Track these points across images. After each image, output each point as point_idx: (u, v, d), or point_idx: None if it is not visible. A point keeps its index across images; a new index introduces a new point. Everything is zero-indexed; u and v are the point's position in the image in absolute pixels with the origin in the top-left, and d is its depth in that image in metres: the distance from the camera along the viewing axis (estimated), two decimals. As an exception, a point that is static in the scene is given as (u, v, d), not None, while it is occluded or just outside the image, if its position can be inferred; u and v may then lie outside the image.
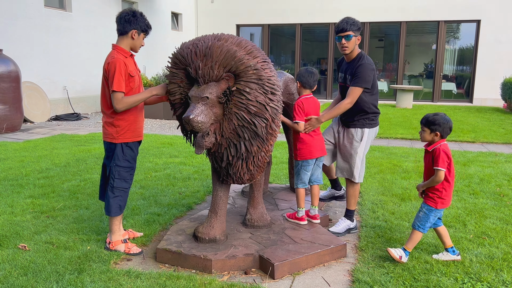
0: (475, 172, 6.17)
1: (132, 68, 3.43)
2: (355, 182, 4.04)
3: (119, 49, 3.43)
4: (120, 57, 3.35)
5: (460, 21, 16.93)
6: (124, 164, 3.49)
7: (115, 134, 3.44)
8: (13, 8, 10.48)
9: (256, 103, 3.07)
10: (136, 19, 3.42)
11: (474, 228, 4.13)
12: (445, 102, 17.42)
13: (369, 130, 3.97)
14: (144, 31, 3.50)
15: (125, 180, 3.53)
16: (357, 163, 3.98)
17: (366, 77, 3.80)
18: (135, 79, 3.43)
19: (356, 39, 3.89)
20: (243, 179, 3.54)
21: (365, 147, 3.99)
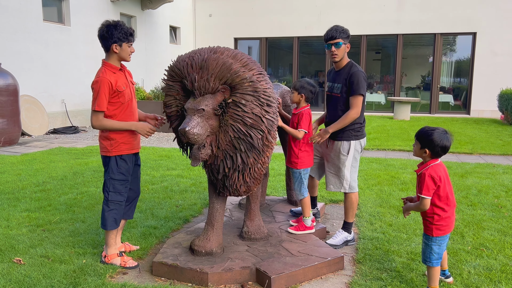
0: (473, 183, 6.17)
1: (121, 82, 3.40)
2: (347, 193, 4.02)
3: (108, 65, 3.40)
4: (107, 75, 3.32)
5: (456, 33, 17.08)
6: (119, 177, 3.47)
7: (109, 147, 3.44)
8: (12, 23, 10.55)
9: (252, 115, 3.08)
10: (111, 33, 3.32)
11: (472, 239, 4.11)
12: (443, 114, 17.47)
13: (355, 142, 3.95)
14: (124, 41, 3.38)
15: (120, 193, 3.50)
16: (346, 175, 3.97)
17: (362, 84, 3.81)
18: (124, 93, 3.40)
19: (345, 47, 3.91)
20: (239, 191, 3.53)
21: (352, 159, 3.97)
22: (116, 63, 3.43)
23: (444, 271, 3.29)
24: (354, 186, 4.03)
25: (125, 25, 3.40)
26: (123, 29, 3.34)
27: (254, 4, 18.81)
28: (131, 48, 3.45)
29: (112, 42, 3.34)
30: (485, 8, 16.34)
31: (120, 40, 3.35)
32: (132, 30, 3.42)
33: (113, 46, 3.35)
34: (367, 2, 17.49)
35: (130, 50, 3.44)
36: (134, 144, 3.54)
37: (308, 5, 18.23)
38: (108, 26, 3.33)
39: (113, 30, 3.32)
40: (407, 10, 17.10)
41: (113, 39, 3.33)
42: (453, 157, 8.45)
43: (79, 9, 12.74)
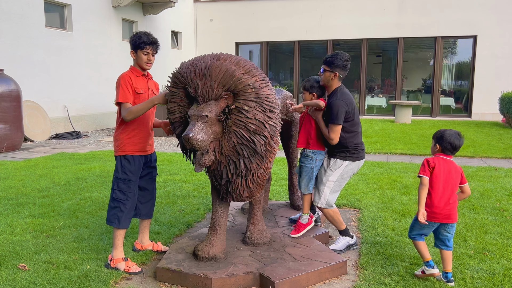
0: (475, 187, 6.18)
1: (141, 86, 3.58)
2: (322, 208, 4.00)
3: (133, 68, 3.64)
4: (129, 73, 3.56)
5: (457, 36, 17.13)
6: (122, 176, 3.58)
7: (117, 147, 3.60)
8: (14, 29, 10.61)
9: (255, 121, 3.10)
10: (130, 41, 3.59)
11: (474, 243, 4.12)
12: (444, 117, 17.49)
13: (349, 162, 3.93)
14: (137, 48, 3.57)
15: (123, 192, 3.58)
16: (325, 192, 3.95)
17: (337, 114, 3.79)
18: (140, 97, 3.55)
19: (330, 75, 3.90)
20: (242, 197, 3.55)
21: (338, 177, 3.94)
22: (139, 69, 3.64)
23: (446, 273, 3.34)
24: (330, 206, 4.00)
25: (146, 34, 3.57)
26: (139, 37, 3.54)
27: (255, 9, 18.89)
28: (147, 56, 3.58)
29: (131, 48, 3.61)
30: (486, 11, 16.38)
31: (134, 48, 3.58)
32: (149, 39, 3.55)
33: (131, 52, 3.61)
34: (368, 6, 17.55)
35: (146, 58, 3.58)
36: (142, 146, 3.63)
37: (308, 9, 18.29)
38: (132, 35, 3.61)
39: (132, 37, 3.59)
40: (408, 13, 17.16)
41: (131, 47, 3.60)
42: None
43: (81, 15, 12.80)
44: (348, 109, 3.84)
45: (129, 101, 3.47)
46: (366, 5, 17.57)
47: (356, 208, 5.32)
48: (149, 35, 3.60)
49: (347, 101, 3.86)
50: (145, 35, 3.57)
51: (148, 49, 3.56)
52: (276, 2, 18.79)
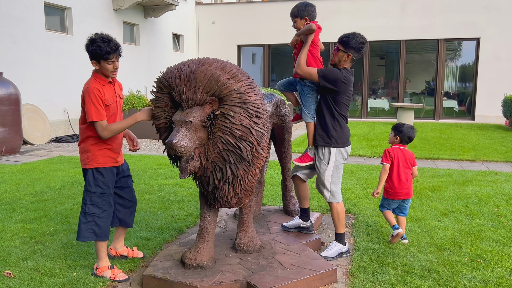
0: (473, 192, 6.08)
1: (109, 95, 3.35)
2: (330, 203, 3.97)
3: (97, 76, 3.35)
4: (96, 85, 3.28)
5: (460, 39, 17.01)
6: (96, 190, 3.41)
7: (86, 159, 3.40)
8: (14, 32, 10.62)
9: (241, 126, 3.04)
10: (89, 50, 3.26)
11: (469, 251, 4.04)
12: (447, 119, 17.36)
13: (335, 150, 3.86)
14: (99, 59, 3.25)
15: (98, 206, 3.43)
16: (326, 185, 3.92)
17: (328, 74, 3.72)
18: (110, 108, 3.35)
19: (344, 55, 3.81)
20: (230, 203, 3.49)
21: (333, 169, 3.89)
22: (104, 75, 3.37)
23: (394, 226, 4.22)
24: (336, 196, 3.95)
25: (105, 41, 3.24)
26: (99, 47, 3.21)
27: (256, 11, 18.86)
28: (113, 65, 3.31)
29: (90, 57, 3.28)
30: (489, 13, 16.26)
31: (95, 58, 3.26)
32: (111, 48, 3.23)
33: (92, 62, 3.29)
34: (370, 8, 17.47)
35: (112, 67, 3.31)
36: (114, 157, 3.48)
37: (310, 12, 18.21)
38: (91, 40, 3.25)
39: (90, 47, 3.24)
40: (410, 16, 17.06)
41: (91, 55, 3.27)
42: (455, 164, 8.35)
43: (82, 18, 12.82)
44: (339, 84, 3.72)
45: (104, 118, 3.26)
46: (368, 7, 17.50)
47: (352, 213, 5.25)
48: (110, 40, 3.27)
49: (348, 78, 3.76)
50: (104, 42, 3.23)
51: (112, 58, 3.28)
52: (278, 5, 18.75)
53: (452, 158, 8.87)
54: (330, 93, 3.79)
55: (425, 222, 4.82)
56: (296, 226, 4.27)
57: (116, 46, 3.28)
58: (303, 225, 4.27)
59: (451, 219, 4.92)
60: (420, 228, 4.64)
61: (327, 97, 3.82)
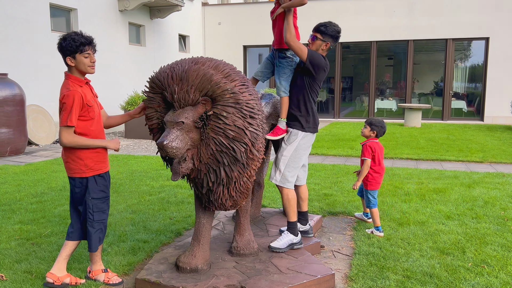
0: (480, 194, 5.94)
1: (89, 96, 3.23)
2: (281, 187, 3.81)
3: (72, 78, 3.18)
4: (77, 88, 3.13)
5: (468, 38, 16.79)
6: (100, 195, 3.31)
7: (84, 167, 3.22)
8: (20, 33, 10.65)
9: (234, 127, 2.96)
10: (61, 47, 3.13)
11: (473, 255, 3.92)
12: (456, 120, 17.14)
13: (305, 134, 3.78)
14: (75, 53, 3.12)
15: (103, 212, 3.35)
16: (280, 166, 3.78)
17: (316, 56, 3.65)
18: (94, 108, 3.23)
19: (322, 44, 3.74)
20: (225, 206, 3.41)
21: (293, 151, 3.77)
22: (79, 75, 3.21)
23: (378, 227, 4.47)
24: (285, 183, 3.80)
25: (78, 34, 3.14)
26: (73, 40, 3.09)
27: (263, 12, 18.77)
28: (90, 58, 3.18)
29: (64, 56, 3.14)
30: (498, 13, 16.03)
31: (71, 53, 3.13)
32: (86, 39, 3.14)
33: (67, 59, 3.14)
34: (377, 8, 17.32)
35: (88, 61, 3.18)
36: (106, 162, 3.38)
37: (317, 12, 18.10)
38: (63, 38, 3.13)
39: (63, 43, 3.12)
40: (418, 15, 16.88)
41: (65, 53, 3.13)
42: (462, 166, 8.20)
43: (88, 19, 12.83)
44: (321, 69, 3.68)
45: (75, 124, 3.11)
46: (375, 7, 17.34)
47: (353, 216, 5.14)
48: (82, 34, 3.16)
49: (328, 68, 3.76)
50: (78, 35, 3.12)
51: (88, 50, 3.15)
52: (285, 5, 18.64)
53: (459, 160, 8.71)
54: (308, 77, 3.72)
55: (429, 226, 4.70)
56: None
57: (90, 39, 3.18)
58: (302, 228, 4.15)
59: (456, 223, 4.80)
60: (423, 231, 4.52)
61: (305, 81, 3.74)
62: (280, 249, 3.75)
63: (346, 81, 19.62)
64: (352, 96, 19.93)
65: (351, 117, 18.57)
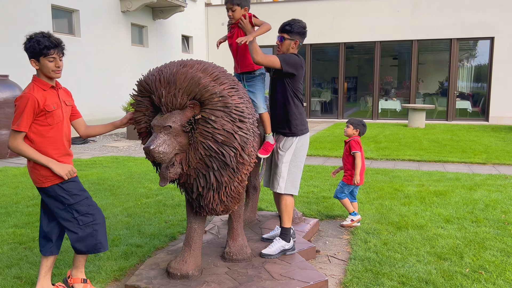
0: (481, 197, 5.85)
1: (52, 101, 2.98)
2: (281, 194, 3.75)
3: (37, 81, 2.98)
4: (35, 92, 2.91)
5: (473, 38, 16.63)
6: (75, 199, 3.05)
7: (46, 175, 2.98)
8: (21, 35, 10.65)
9: (223, 131, 2.91)
10: (26, 48, 2.93)
11: (471, 261, 3.84)
12: (460, 121, 16.99)
13: (299, 138, 3.73)
14: (38, 56, 2.91)
15: (87, 214, 3.11)
16: (283, 175, 3.71)
17: (289, 59, 3.58)
18: (54, 114, 2.97)
19: (291, 42, 3.69)
20: (216, 211, 3.36)
21: (292, 156, 3.72)
22: (45, 79, 3.00)
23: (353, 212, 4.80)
24: (293, 187, 3.74)
25: (45, 36, 2.93)
26: (37, 42, 2.89)
27: (266, 12, 18.71)
28: (54, 62, 2.94)
29: (29, 57, 2.95)
30: (503, 12, 15.86)
31: (35, 55, 2.92)
32: (52, 42, 2.92)
33: (31, 61, 2.95)
34: (381, 8, 17.20)
35: (53, 65, 2.94)
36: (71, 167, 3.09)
37: (320, 12, 18.04)
38: (29, 39, 2.93)
39: (27, 44, 2.93)
40: (422, 15, 16.74)
41: (28, 54, 2.94)
42: (464, 167, 8.10)
43: (90, 20, 12.84)
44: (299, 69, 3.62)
45: (26, 131, 2.90)
46: (379, 7, 17.23)
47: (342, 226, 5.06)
48: (49, 36, 2.94)
49: (303, 63, 3.69)
50: (44, 37, 2.91)
51: (53, 54, 2.92)
52: (288, 5, 18.60)
53: (462, 161, 8.60)
54: (290, 79, 3.65)
55: (427, 229, 4.62)
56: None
57: (58, 41, 2.95)
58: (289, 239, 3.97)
59: (455, 226, 4.71)
60: (421, 235, 4.44)
61: (286, 84, 3.66)
62: (272, 256, 3.69)
63: (350, 81, 19.52)
64: (357, 97, 19.83)
65: (354, 118, 18.43)
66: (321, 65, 19.66)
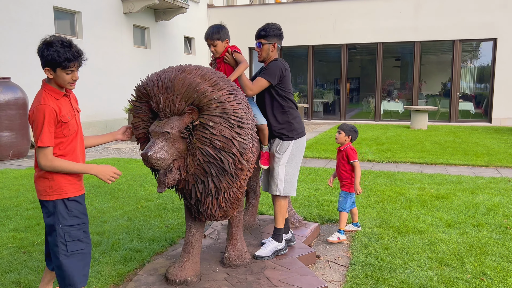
0: (483, 200, 5.81)
1: (66, 111, 2.72)
2: (277, 196, 3.76)
3: (49, 89, 2.71)
4: (50, 101, 2.65)
5: (476, 40, 16.56)
6: (73, 221, 2.74)
7: (49, 189, 2.70)
8: (24, 36, 10.68)
9: (222, 137, 2.89)
10: (43, 54, 2.65)
11: (472, 267, 3.80)
12: (463, 122, 16.93)
13: (294, 141, 3.74)
14: (56, 67, 2.64)
15: (80, 240, 2.76)
16: (280, 175, 3.72)
17: (273, 71, 3.61)
18: (69, 125, 2.70)
19: (269, 47, 3.73)
20: (215, 216, 3.34)
21: (289, 157, 3.73)
22: (58, 87, 2.74)
23: (356, 223, 4.77)
24: (291, 188, 3.76)
25: (65, 46, 2.64)
26: (57, 53, 2.61)
27: (268, 13, 18.71)
28: (72, 75, 2.69)
29: (44, 65, 2.66)
30: (506, 13, 15.80)
31: (52, 66, 2.64)
32: (73, 55, 2.65)
33: (45, 70, 2.67)
34: (383, 9, 17.16)
35: (70, 78, 2.69)
36: (81, 183, 2.85)
37: (323, 14, 18.01)
38: (48, 43, 2.64)
39: (44, 51, 2.63)
40: (424, 16, 16.69)
41: (45, 62, 2.65)
42: (467, 170, 8.05)
43: (92, 22, 12.85)
44: (284, 73, 3.66)
45: (53, 145, 2.64)
46: (381, 8, 17.19)
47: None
48: (70, 45, 2.66)
49: (286, 66, 3.70)
50: (65, 47, 2.63)
51: (73, 67, 2.67)
52: (290, 7, 18.58)
53: (465, 164, 8.56)
54: (281, 84, 3.68)
55: (429, 234, 4.59)
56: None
57: (78, 53, 2.70)
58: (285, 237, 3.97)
59: (457, 231, 4.68)
60: (423, 240, 4.41)
61: (278, 90, 3.69)
62: (266, 257, 3.70)
63: (353, 82, 19.49)
64: (359, 98, 19.80)
65: (358, 119, 18.42)
66: (324, 66, 19.64)
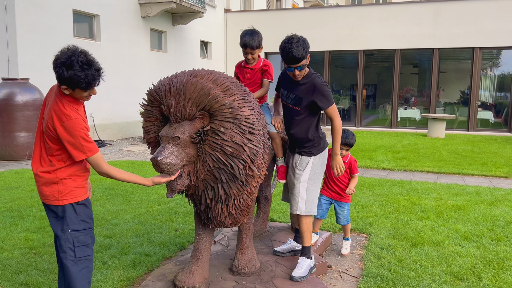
0: (502, 213, 5.65)
1: (85, 121, 2.64)
2: (301, 215, 3.59)
3: (70, 101, 2.57)
4: (74, 113, 2.53)
5: (496, 47, 16.27)
6: (81, 226, 2.71)
7: (57, 194, 2.63)
8: (43, 39, 10.82)
9: (232, 143, 2.84)
10: (62, 74, 2.46)
11: (490, 282, 3.68)
12: (481, 131, 16.60)
13: (314, 157, 3.57)
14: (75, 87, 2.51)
15: (87, 246, 2.74)
16: (301, 194, 3.55)
17: (330, 93, 3.49)
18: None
19: (307, 62, 3.51)
20: (225, 223, 3.29)
21: (310, 173, 3.55)
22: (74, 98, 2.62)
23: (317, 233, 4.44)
24: (312, 206, 3.58)
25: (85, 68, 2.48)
26: (77, 77, 2.46)
27: (285, 19, 18.69)
28: (90, 92, 2.60)
29: (60, 82, 2.51)
30: (528, 21, 15.49)
31: (71, 85, 2.50)
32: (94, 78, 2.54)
33: (63, 87, 2.52)
34: (401, 15, 16.99)
35: (87, 93, 2.60)
36: (87, 188, 2.81)
37: (340, 19, 17.91)
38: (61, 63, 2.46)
39: (65, 72, 2.45)
40: (444, 23, 16.47)
41: (61, 81, 2.49)
42: (485, 181, 7.86)
43: (110, 25, 12.97)
44: None
45: (98, 149, 2.61)
46: (399, 14, 17.02)
47: (366, 233, 4.94)
48: (90, 65, 2.50)
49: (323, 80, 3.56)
50: (84, 70, 2.47)
51: (89, 89, 2.57)
52: (307, 12, 18.53)
53: (483, 174, 8.36)
54: None
55: (444, 247, 4.46)
56: (290, 250, 3.92)
57: (98, 72, 2.57)
58: (298, 247, 3.96)
59: (473, 244, 4.54)
60: (438, 253, 4.29)
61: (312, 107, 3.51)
62: (304, 277, 3.53)
63: (369, 89, 19.32)
64: (376, 104, 19.60)
65: (373, 126, 18.23)
66: (340, 72, 19.50)
